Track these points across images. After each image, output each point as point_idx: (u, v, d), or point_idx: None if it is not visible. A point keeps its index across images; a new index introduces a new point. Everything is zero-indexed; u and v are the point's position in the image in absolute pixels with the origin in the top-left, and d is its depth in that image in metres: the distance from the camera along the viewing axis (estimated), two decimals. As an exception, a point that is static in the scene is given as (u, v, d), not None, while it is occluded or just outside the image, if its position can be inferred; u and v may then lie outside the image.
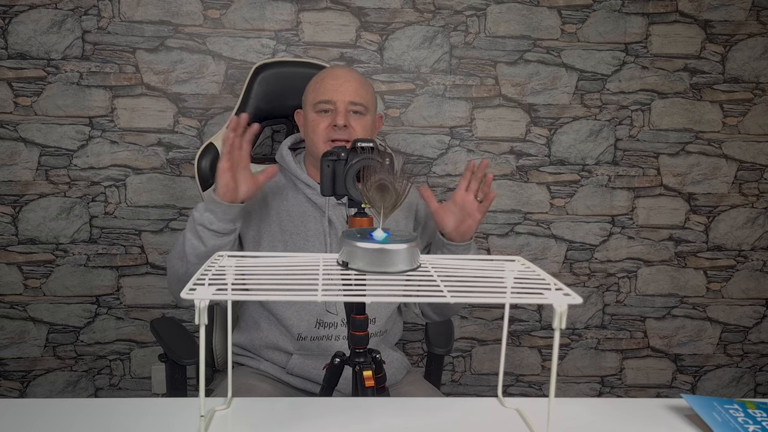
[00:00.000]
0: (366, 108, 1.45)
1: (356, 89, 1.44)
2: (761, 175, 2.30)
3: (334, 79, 1.46)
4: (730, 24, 2.21)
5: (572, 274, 2.29)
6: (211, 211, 1.30)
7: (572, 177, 2.24)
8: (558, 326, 0.73)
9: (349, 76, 1.46)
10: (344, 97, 1.42)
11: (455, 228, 1.36)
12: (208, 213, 1.30)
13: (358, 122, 1.43)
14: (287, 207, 1.46)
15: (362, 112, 1.44)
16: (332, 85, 1.44)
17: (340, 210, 1.46)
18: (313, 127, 1.44)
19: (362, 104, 1.44)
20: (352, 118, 1.43)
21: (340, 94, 1.43)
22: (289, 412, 0.91)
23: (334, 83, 1.44)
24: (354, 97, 1.43)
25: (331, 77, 1.46)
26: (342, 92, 1.43)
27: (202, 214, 1.30)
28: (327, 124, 1.43)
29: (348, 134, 1.41)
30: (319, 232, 1.44)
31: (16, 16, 2.00)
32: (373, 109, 1.49)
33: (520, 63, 2.17)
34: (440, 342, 1.60)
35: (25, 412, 0.88)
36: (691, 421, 0.92)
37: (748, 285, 2.35)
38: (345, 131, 1.41)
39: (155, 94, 2.08)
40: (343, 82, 1.44)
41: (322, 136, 1.43)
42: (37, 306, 2.13)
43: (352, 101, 1.43)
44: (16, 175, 2.07)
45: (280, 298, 0.76)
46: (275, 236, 1.44)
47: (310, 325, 1.41)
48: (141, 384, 2.21)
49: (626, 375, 2.37)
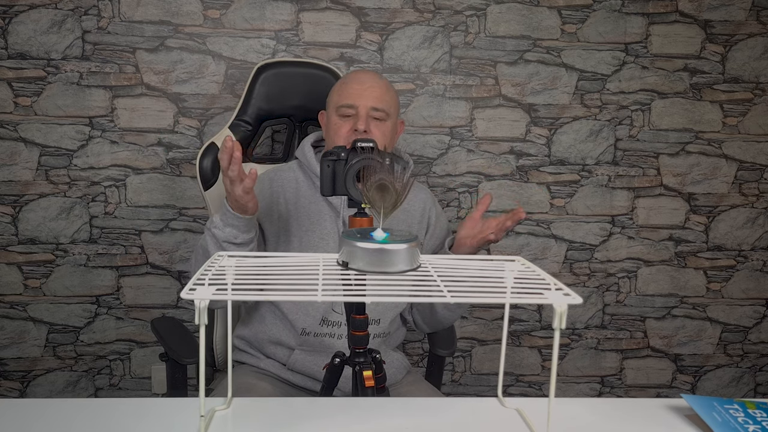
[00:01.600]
0: (387, 114, 1.45)
1: (380, 96, 1.45)
2: (761, 175, 2.30)
3: (359, 83, 1.46)
4: (730, 24, 2.21)
5: (572, 274, 2.29)
6: (233, 226, 1.31)
7: (572, 177, 2.24)
8: (558, 326, 0.73)
9: (374, 82, 1.47)
10: (366, 102, 1.43)
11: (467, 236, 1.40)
12: (230, 228, 1.31)
13: (378, 128, 1.44)
14: (305, 204, 1.48)
15: (383, 118, 1.45)
16: (356, 90, 1.45)
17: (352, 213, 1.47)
18: (336, 130, 1.45)
19: (384, 110, 1.44)
20: (372, 123, 1.43)
21: (362, 99, 1.43)
22: (289, 412, 0.91)
23: (358, 88, 1.45)
24: (376, 102, 1.43)
25: (356, 81, 1.47)
26: (365, 97, 1.43)
27: (223, 230, 1.31)
28: (348, 128, 1.43)
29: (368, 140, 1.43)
30: (334, 232, 1.45)
31: (16, 16, 2.00)
32: (394, 115, 1.49)
33: (520, 63, 2.17)
34: (444, 343, 1.60)
35: (25, 412, 0.88)
36: (691, 421, 0.92)
37: (748, 285, 2.35)
38: (365, 135, 1.42)
39: (155, 94, 2.08)
40: (367, 88, 1.45)
41: (343, 139, 1.43)
42: (37, 306, 2.13)
43: (374, 107, 1.43)
44: (16, 175, 2.07)
45: (280, 298, 0.76)
46: (293, 233, 1.46)
47: (315, 321, 1.42)
48: (141, 384, 2.21)
49: (626, 375, 2.37)
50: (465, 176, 2.20)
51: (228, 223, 1.31)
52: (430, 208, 1.56)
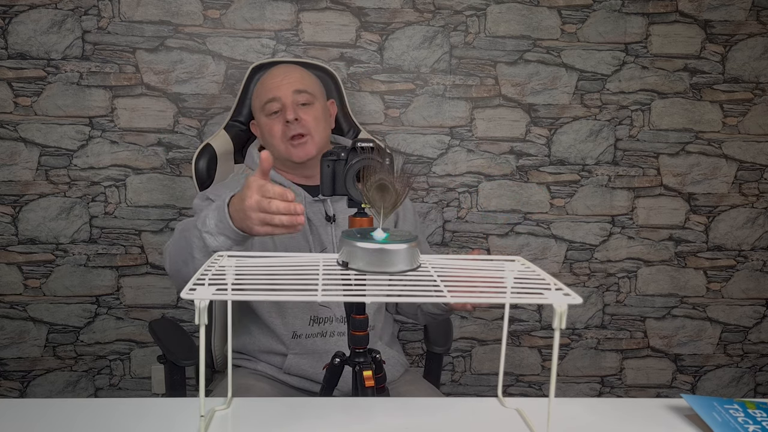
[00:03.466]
0: (313, 96, 1.46)
1: (298, 79, 1.45)
2: (761, 175, 2.30)
3: (274, 76, 1.47)
4: (730, 24, 2.21)
5: (572, 274, 2.29)
6: (230, 238, 1.14)
7: (572, 177, 2.24)
8: (558, 326, 0.73)
9: (288, 69, 1.48)
10: (287, 88, 1.43)
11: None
12: (223, 237, 1.14)
13: (307, 113, 1.44)
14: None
15: (310, 102, 1.45)
16: (273, 83, 1.46)
17: (317, 206, 1.46)
18: (269, 131, 1.46)
19: (307, 92, 1.44)
20: (300, 110, 1.44)
21: (282, 88, 1.44)
22: (289, 412, 0.91)
23: (274, 81, 1.46)
24: (297, 85, 1.44)
25: (271, 76, 1.49)
26: (285, 85, 1.44)
27: (215, 237, 1.14)
28: (280, 125, 1.44)
29: (302, 127, 1.43)
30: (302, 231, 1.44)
31: (16, 16, 2.00)
32: (321, 96, 1.50)
33: (520, 63, 2.17)
34: (439, 341, 1.60)
35: (25, 412, 0.88)
36: (691, 421, 0.92)
37: (748, 285, 2.35)
38: (298, 125, 1.42)
39: (155, 94, 2.08)
40: (283, 77, 1.46)
41: (279, 137, 1.44)
42: (37, 306, 2.13)
43: (296, 89, 1.43)
44: (16, 175, 2.07)
45: (280, 298, 0.76)
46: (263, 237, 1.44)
47: (304, 323, 1.42)
48: (141, 384, 2.21)
49: (626, 375, 2.37)
50: (465, 176, 2.20)
51: (222, 232, 1.14)
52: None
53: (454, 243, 2.22)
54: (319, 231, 1.45)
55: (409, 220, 1.57)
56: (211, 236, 1.14)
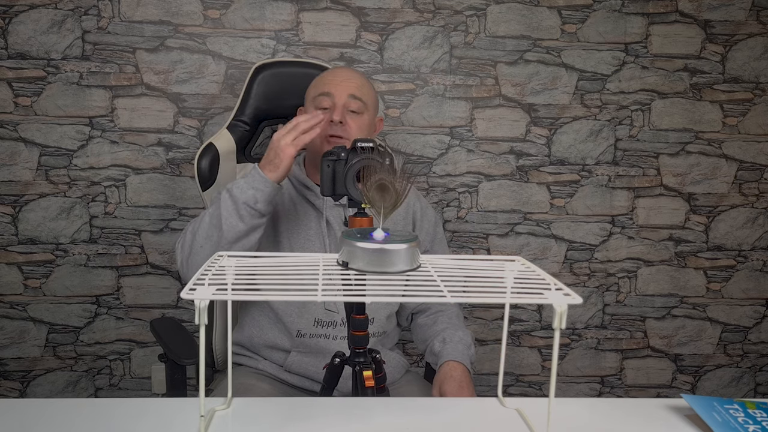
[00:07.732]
0: (365, 105, 1.45)
1: (358, 85, 1.45)
2: (761, 175, 2.30)
3: (337, 75, 1.47)
4: (730, 24, 2.21)
5: (572, 274, 2.29)
6: (257, 190, 1.27)
7: (572, 177, 2.24)
8: (558, 326, 0.73)
9: (351, 75, 1.47)
10: (344, 90, 1.42)
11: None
12: (252, 191, 1.27)
13: (354, 121, 1.43)
14: (290, 206, 1.47)
15: (360, 110, 1.44)
16: (334, 80, 1.45)
17: (338, 211, 1.46)
18: None
19: (361, 100, 1.43)
20: (349, 116, 1.43)
21: (340, 88, 1.43)
22: (289, 412, 0.91)
23: (336, 78, 1.45)
24: (354, 90, 1.43)
25: (334, 74, 1.48)
26: (343, 86, 1.43)
27: (245, 192, 1.27)
28: (326, 120, 1.43)
29: (344, 131, 1.41)
30: (319, 234, 1.45)
31: (16, 16, 2.00)
32: (372, 109, 1.49)
33: (520, 63, 2.17)
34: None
35: (25, 412, 0.88)
36: (691, 421, 0.92)
37: (748, 285, 2.35)
38: (341, 128, 1.41)
39: (155, 94, 2.08)
40: (344, 79, 1.45)
41: (320, 131, 1.43)
42: (37, 306, 2.13)
43: (351, 94, 1.42)
44: (16, 175, 2.07)
45: (280, 298, 0.76)
46: (282, 234, 1.45)
47: (309, 323, 1.42)
48: (141, 384, 2.21)
49: (626, 375, 2.37)
50: (465, 176, 2.20)
51: (252, 185, 1.27)
52: (414, 203, 1.55)
53: (454, 243, 2.22)
54: (336, 234, 1.45)
55: (426, 230, 1.55)
56: (240, 190, 1.27)
